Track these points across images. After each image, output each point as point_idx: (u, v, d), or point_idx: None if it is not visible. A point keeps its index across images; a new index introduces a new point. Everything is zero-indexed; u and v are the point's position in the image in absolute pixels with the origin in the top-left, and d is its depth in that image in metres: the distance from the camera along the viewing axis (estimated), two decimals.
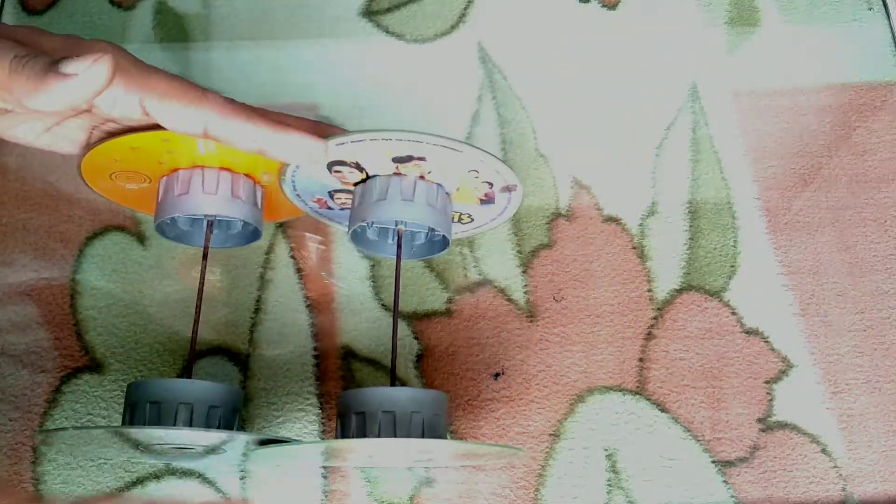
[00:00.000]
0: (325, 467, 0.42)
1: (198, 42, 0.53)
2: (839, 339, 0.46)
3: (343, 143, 0.36)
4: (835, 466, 0.43)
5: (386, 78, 0.52)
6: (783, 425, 0.44)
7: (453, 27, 0.54)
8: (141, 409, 0.36)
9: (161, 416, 0.35)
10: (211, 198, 0.38)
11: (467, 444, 0.41)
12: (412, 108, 0.51)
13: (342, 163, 0.38)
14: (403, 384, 0.44)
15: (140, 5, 0.54)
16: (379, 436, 0.35)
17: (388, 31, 0.53)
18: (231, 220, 0.41)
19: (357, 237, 0.42)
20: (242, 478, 0.42)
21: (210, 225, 0.41)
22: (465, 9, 0.54)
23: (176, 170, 0.39)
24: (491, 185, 0.40)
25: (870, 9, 0.55)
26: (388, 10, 0.54)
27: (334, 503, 0.41)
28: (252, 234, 0.42)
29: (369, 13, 0.54)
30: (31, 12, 0.53)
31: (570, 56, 0.53)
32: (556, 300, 0.46)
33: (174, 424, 0.35)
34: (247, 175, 0.40)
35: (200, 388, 0.36)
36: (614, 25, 0.54)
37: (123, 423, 0.37)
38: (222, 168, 0.39)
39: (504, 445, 0.42)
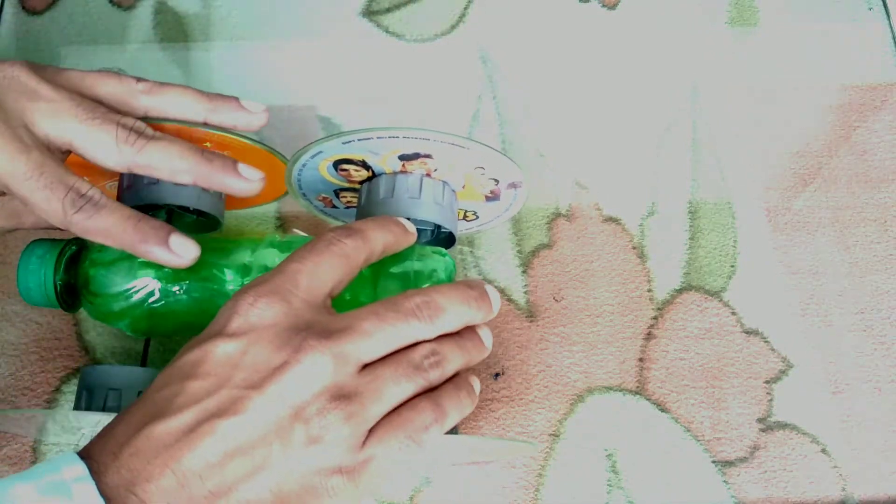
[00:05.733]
0: None
1: (198, 42, 0.53)
2: (839, 339, 0.46)
3: (349, 141, 0.36)
4: (835, 466, 0.43)
5: (386, 78, 0.52)
6: (783, 425, 0.44)
7: (453, 27, 0.54)
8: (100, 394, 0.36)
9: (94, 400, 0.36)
10: (180, 188, 0.38)
11: None
12: (412, 108, 0.51)
13: (349, 161, 0.38)
14: None
15: (140, 5, 0.54)
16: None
17: (388, 31, 0.53)
18: (196, 209, 0.40)
19: None
20: None
21: (170, 215, 0.40)
22: (465, 9, 0.54)
23: None
24: (497, 181, 0.40)
25: (870, 9, 0.55)
26: (388, 10, 0.54)
27: None
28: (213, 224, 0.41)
29: (369, 13, 0.54)
30: (30, 12, 0.53)
31: (570, 56, 0.53)
32: (556, 300, 0.46)
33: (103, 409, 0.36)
34: None
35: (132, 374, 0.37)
36: (614, 25, 0.54)
37: (78, 407, 0.37)
38: None
39: None
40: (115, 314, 0.37)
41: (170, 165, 0.35)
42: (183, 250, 0.35)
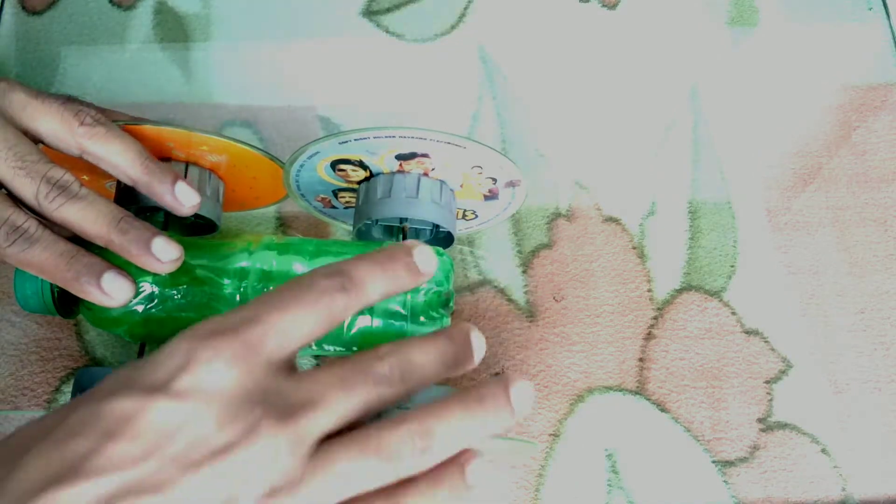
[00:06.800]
0: None
1: (198, 42, 0.53)
2: (839, 339, 0.46)
3: (346, 141, 0.36)
4: (835, 466, 0.43)
5: (386, 78, 0.52)
6: (783, 425, 0.44)
7: (453, 27, 0.54)
8: None
9: None
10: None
11: None
12: (412, 108, 0.51)
13: (346, 161, 0.38)
14: None
15: (140, 5, 0.54)
16: None
17: (388, 31, 0.53)
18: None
19: (362, 235, 0.42)
20: None
21: (167, 217, 0.40)
22: (465, 9, 0.54)
23: None
24: (495, 180, 0.40)
25: (870, 9, 0.55)
26: (388, 10, 0.54)
27: None
28: (208, 227, 0.41)
29: (369, 13, 0.54)
30: (30, 12, 0.53)
31: (570, 56, 0.53)
32: (556, 300, 0.46)
33: None
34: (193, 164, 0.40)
35: None
36: (614, 25, 0.54)
37: None
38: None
39: None
40: (112, 320, 0.37)
41: (83, 228, 0.34)
42: (116, 290, 0.34)
